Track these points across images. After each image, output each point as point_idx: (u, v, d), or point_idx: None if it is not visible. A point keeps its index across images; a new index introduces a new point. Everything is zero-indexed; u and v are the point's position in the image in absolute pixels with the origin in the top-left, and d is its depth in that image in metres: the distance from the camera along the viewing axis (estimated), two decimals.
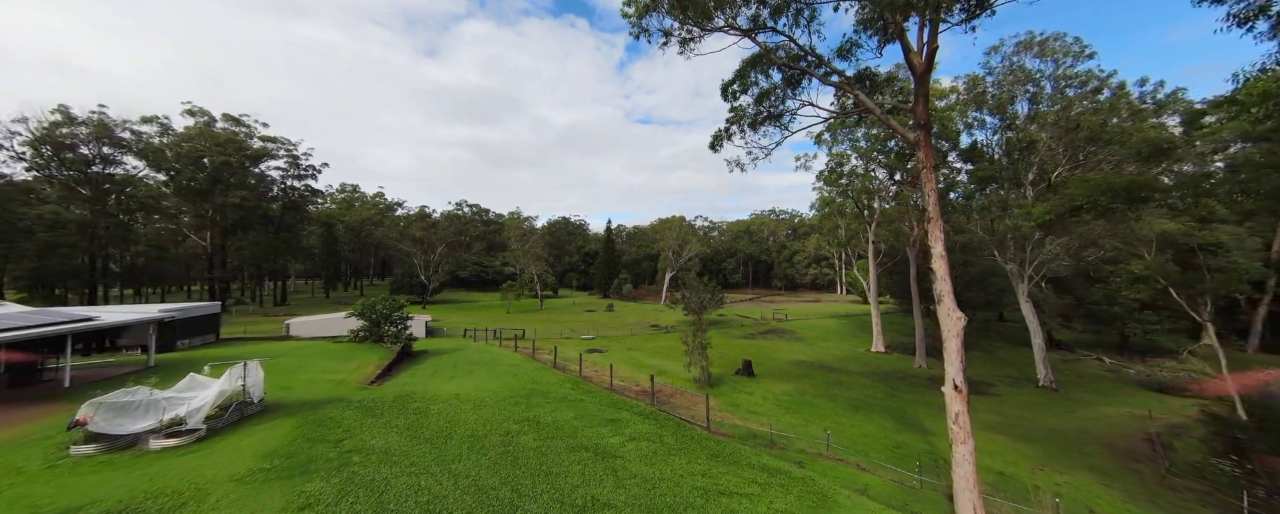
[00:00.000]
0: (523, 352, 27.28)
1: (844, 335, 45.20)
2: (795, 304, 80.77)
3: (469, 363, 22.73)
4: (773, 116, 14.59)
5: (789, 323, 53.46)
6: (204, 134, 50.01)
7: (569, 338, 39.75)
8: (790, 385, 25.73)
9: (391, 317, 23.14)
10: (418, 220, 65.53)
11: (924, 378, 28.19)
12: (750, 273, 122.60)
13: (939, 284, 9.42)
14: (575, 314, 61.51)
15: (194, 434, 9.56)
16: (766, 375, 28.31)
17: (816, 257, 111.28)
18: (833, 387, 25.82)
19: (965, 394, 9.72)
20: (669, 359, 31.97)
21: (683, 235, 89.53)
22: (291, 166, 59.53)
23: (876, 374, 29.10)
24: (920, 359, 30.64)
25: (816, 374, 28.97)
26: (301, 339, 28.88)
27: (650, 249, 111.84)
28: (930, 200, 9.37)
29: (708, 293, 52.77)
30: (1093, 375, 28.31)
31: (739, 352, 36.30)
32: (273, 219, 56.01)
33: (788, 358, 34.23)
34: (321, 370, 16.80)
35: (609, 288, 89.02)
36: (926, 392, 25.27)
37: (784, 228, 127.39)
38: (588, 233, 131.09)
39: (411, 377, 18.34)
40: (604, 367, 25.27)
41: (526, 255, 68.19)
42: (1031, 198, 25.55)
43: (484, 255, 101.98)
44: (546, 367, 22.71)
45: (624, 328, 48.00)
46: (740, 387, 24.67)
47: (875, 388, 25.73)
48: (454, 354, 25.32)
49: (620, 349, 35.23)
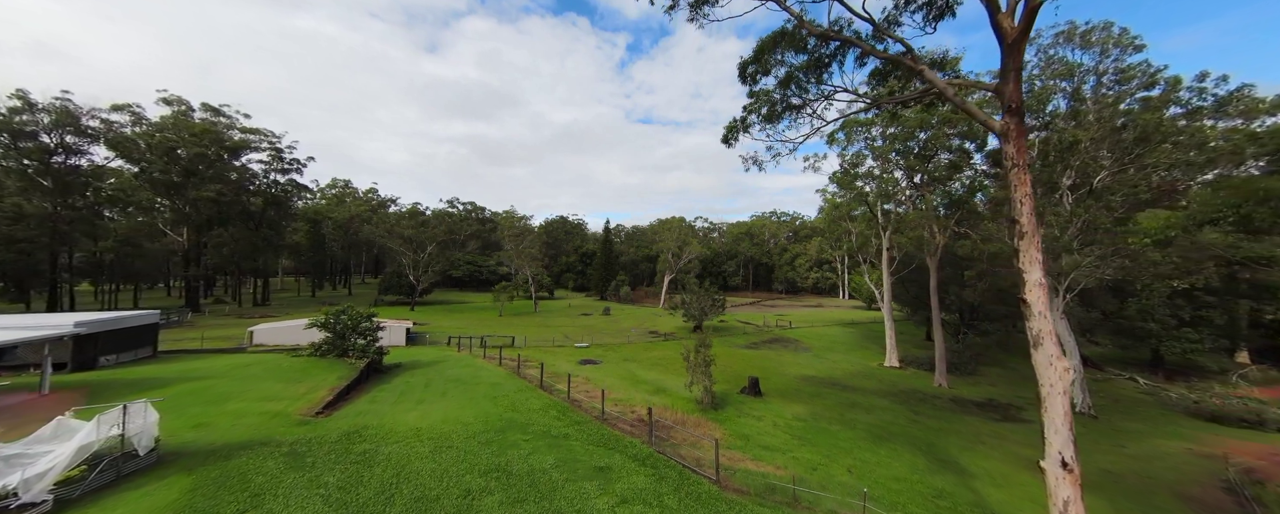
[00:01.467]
0: (508, 365, 24.82)
1: (853, 347, 42.84)
2: (798, 309, 78.41)
3: (444, 381, 20.26)
4: (793, 107, 12.23)
5: (793, 331, 51.09)
6: (179, 124, 47.37)
7: (561, 346, 37.31)
8: (802, 407, 23.32)
9: (359, 327, 20.64)
10: (406, 217, 62.83)
11: (946, 399, 25.82)
12: (750, 276, 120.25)
13: (1035, 322, 6.99)
14: (570, 318, 59.02)
15: (35, 510, 7.10)
16: (775, 394, 25.90)
17: (819, 260, 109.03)
18: (848, 409, 23.42)
19: (1078, 476, 7.21)
20: (668, 372, 29.55)
21: (683, 236, 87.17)
22: (275, 160, 56.88)
23: (893, 394, 26.72)
24: (940, 377, 28.27)
25: (829, 393, 26.57)
26: (264, 348, 26.37)
27: (649, 250, 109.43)
28: (1023, 209, 6.97)
29: (709, 300, 50.48)
30: (1130, 399, 25.99)
31: (743, 364, 33.90)
32: (253, 215, 53.35)
33: (795, 373, 31.84)
34: (260, 396, 14.32)
35: (606, 289, 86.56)
36: (952, 417, 22.89)
37: (785, 230, 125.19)
38: (586, 232, 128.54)
39: (371, 402, 15.86)
40: (597, 385, 22.83)
41: (521, 256, 65.65)
42: (1069, 204, 23.22)
43: (478, 255, 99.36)
44: (532, 386, 20.25)
45: (620, 335, 45.57)
46: (747, 409, 22.24)
47: (895, 411, 23.34)
48: (430, 369, 22.83)
49: (616, 360, 32.80)
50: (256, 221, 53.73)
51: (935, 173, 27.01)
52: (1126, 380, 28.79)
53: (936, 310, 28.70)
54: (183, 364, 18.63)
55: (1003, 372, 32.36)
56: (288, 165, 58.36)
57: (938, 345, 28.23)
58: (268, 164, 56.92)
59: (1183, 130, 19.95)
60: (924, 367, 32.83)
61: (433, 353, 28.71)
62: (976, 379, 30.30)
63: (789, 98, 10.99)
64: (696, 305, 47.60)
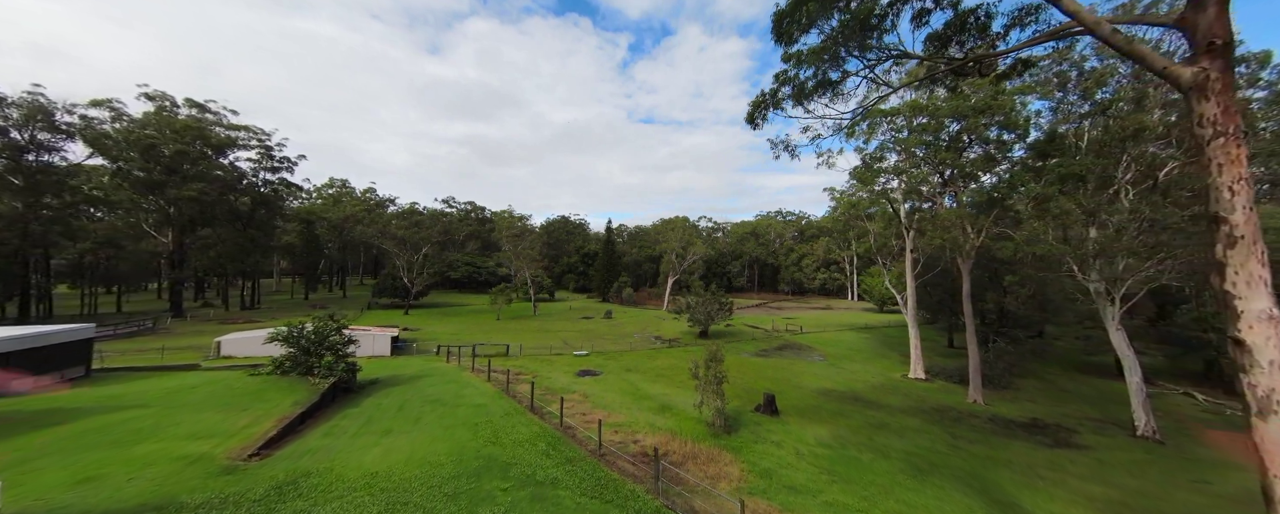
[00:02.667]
0: (497, 380, 22.40)
1: (870, 354, 40.19)
2: (806, 311, 75.74)
3: (422, 402, 17.86)
4: (829, 82, 9.73)
5: (805, 336, 48.47)
6: (162, 121, 45.31)
7: (559, 354, 34.91)
8: (824, 429, 20.78)
9: (326, 341, 18.27)
10: (399, 217, 60.56)
11: (984, 418, 23.19)
12: (756, 276, 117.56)
13: (1263, 378, 4.39)
14: (570, 321, 56.62)
15: None
16: (792, 412, 23.36)
17: (826, 261, 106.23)
18: (878, 432, 20.86)
19: None
20: (674, 385, 27.09)
21: (687, 237, 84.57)
22: (264, 158, 54.80)
23: (924, 412, 24.12)
24: (974, 392, 25.63)
25: (853, 411, 24.01)
26: (234, 361, 24.08)
27: (652, 250, 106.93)
28: (1236, 202, 4.42)
29: (715, 303, 47.90)
30: (1192, 418, 23.29)
31: (754, 374, 31.40)
32: (241, 215, 51.26)
33: (812, 385, 29.28)
34: (188, 432, 11.97)
35: (608, 291, 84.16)
36: (996, 441, 20.28)
37: (791, 230, 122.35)
38: (587, 232, 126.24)
39: (326, 435, 13.47)
40: (595, 404, 20.40)
41: (519, 257, 63.28)
42: (1129, 201, 20.56)
43: (477, 255, 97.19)
44: (521, 409, 17.81)
45: (623, 340, 43.13)
46: (764, 431, 19.72)
47: (931, 435, 20.76)
48: (409, 386, 20.45)
49: (617, 370, 30.36)
50: (245, 222, 51.67)
51: (968, 167, 24.39)
52: (1182, 395, 26.04)
53: (970, 318, 26.06)
54: (116, 387, 16.37)
55: (1040, 385, 29.66)
56: (278, 164, 56.28)
57: (971, 357, 25.60)
58: (257, 163, 54.87)
59: None
60: (952, 379, 30.21)
61: (417, 365, 26.34)
62: (1013, 394, 27.65)
63: (839, 53, 8.44)
64: (702, 310, 45.07)
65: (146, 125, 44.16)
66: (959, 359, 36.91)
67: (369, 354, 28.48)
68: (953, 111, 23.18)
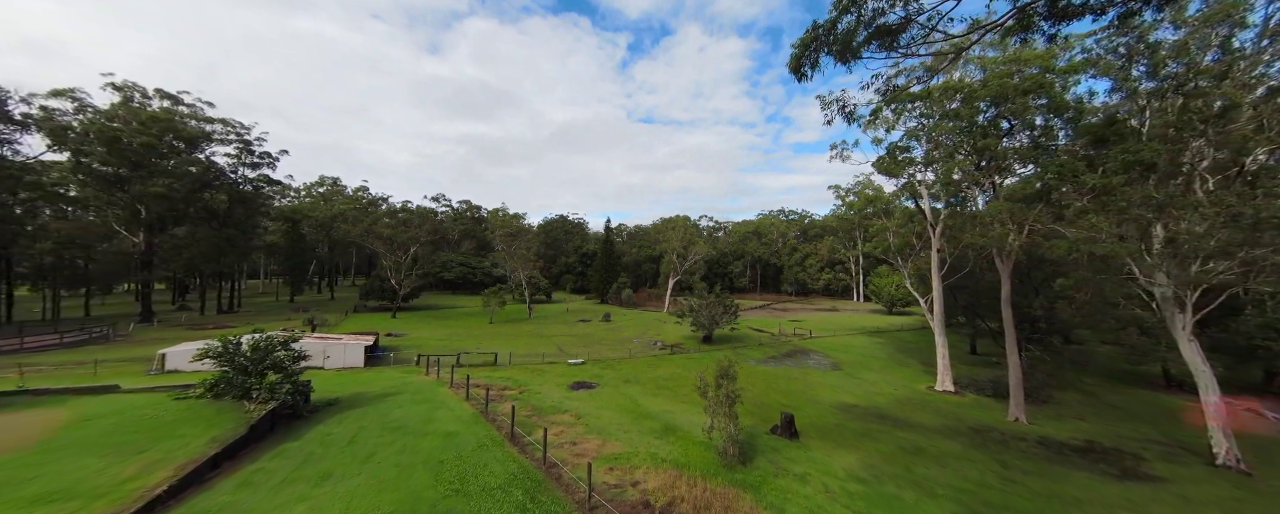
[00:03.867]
0: (478, 398, 19.58)
1: (888, 362, 37.41)
2: (811, 313, 73.03)
3: (381, 431, 15.04)
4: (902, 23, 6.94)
5: (814, 341, 45.69)
6: (130, 113, 42.44)
7: (553, 363, 32.12)
8: (852, 456, 17.99)
9: (269, 358, 15.43)
10: (385, 216, 57.67)
11: (1032, 441, 20.39)
12: (758, 277, 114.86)
13: None
14: (567, 325, 53.81)
15: None
16: (813, 433, 20.58)
17: (831, 261, 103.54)
18: (915, 459, 18.07)
19: None
20: (677, 400, 24.32)
21: (688, 236, 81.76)
22: (243, 153, 51.90)
23: (962, 433, 21.33)
24: (1016, 409, 22.83)
25: (880, 432, 21.22)
26: (181, 375, 21.23)
27: (652, 250, 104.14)
28: None
29: (720, 307, 45.06)
30: (1272, 440, 20.50)
31: (764, 386, 28.64)
32: (217, 213, 48.36)
33: (830, 399, 26.50)
34: (43, 489, 9.12)
35: (607, 292, 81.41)
36: (1054, 472, 17.48)
37: (794, 229, 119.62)
38: (586, 232, 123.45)
39: (241, 486, 10.64)
40: (588, 427, 17.58)
41: (513, 257, 60.41)
42: (1206, 193, 17.80)
43: (472, 255, 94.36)
44: (498, 438, 14.99)
45: (621, 346, 40.35)
46: (784, 459, 16.94)
47: (978, 463, 17.97)
48: (372, 409, 17.62)
49: (615, 381, 27.58)
50: (221, 221, 48.78)
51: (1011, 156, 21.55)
52: (1246, 412, 23.25)
53: (1010, 325, 23.25)
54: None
55: (1082, 399, 26.87)
56: (258, 159, 53.38)
57: (1012, 369, 22.80)
58: (236, 158, 51.97)
59: None
60: (985, 392, 27.42)
61: (390, 379, 23.51)
62: (1056, 410, 24.86)
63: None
64: (706, 313, 42.25)
65: (112, 118, 41.30)
66: (986, 368, 34.16)
67: (339, 366, 25.68)
68: (995, 91, 20.36)
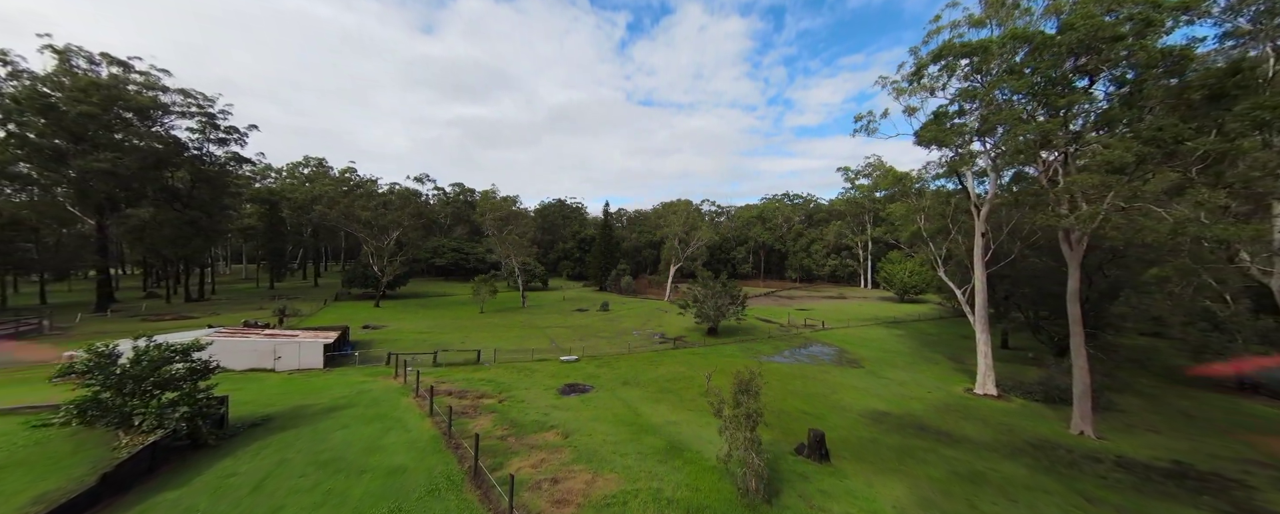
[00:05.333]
0: (442, 415, 16.16)
1: (913, 358, 34.11)
2: (819, 301, 69.70)
3: (306, 468, 11.64)
4: None
5: (828, 333, 42.42)
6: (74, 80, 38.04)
7: (544, 360, 28.81)
8: (901, 488, 14.69)
9: (158, 373, 11.87)
10: (362, 198, 53.62)
11: (1109, 462, 17.10)
12: (761, 263, 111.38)
13: None
14: (562, 315, 50.50)
15: None
16: (846, 453, 17.28)
17: (837, 246, 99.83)
18: (976, 490, 14.78)
19: None
20: (683, 407, 21.00)
21: (691, 221, 77.79)
22: (207, 128, 47.56)
23: (1023, 451, 18.03)
24: (1081, 422, 19.51)
25: (925, 450, 17.92)
26: None
27: (652, 236, 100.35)
28: None
29: (726, 296, 41.60)
30: None
31: (779, 388, 25.24)
32: (178, 193, 44.34)
33: (857, 405, 23.20)
34: None
35: (606, 279, 78.01)
36: (1151, 507, 14.18)
37: (799, 214, 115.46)
38: (585, 216, 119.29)
39: None
40: (575, 453, 14.19)
41: (505, 242, 56.62)
42: None
43: (464, 240, 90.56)
44: (458, 476, 11.59)
45: (620, 339, 37.05)
46: (817, 495, 13.65)
47: (1053, 494, 14.68)
48: (308, 430, 14.22)
49: (611, 383, 24.26)
50: (184, 202, 44.79)
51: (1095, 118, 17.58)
52: None
53: (1078, 323, 19.73)
54: None
55: (1146, 405, 23.55)
56: (224, 134, 49.07)
57: (1079, 375, 19.39)
58: (200, 133, 47.63)
59: None
60: (1033, 396, 24.10)
61: (347, 385, 20.08)
62: (1122, 419, 21.57)
63: None
64: (711, 303, 38.79)
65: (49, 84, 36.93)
66: (1021, 365, 30.75)
67: (292, 368, 22.27)
68: (1083, 35, 16.29)
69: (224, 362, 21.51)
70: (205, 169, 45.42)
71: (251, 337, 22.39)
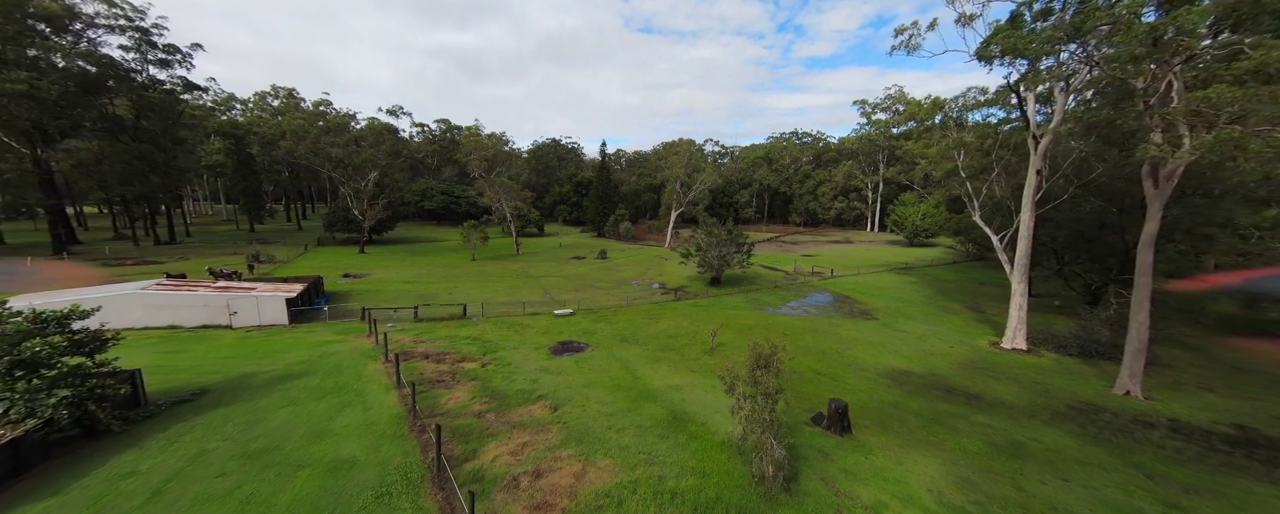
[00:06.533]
0: (416, 382, 13.98)
1: (929, 307, 32.14)
2: (824, 246, 67.20)
3: (228, 461, 9.49)
4: None
5: (837, 282, 40.29)
6: None
7: (536, 314, 26.70)
8: (933, 463, 12.93)
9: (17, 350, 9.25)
10: (329, 133, 48.42)
11: (1163, 426, 15.38)
12: (765, 206, 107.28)
13: None
14: (558, 263, 48.12)
15: None
16: (867, 420, 15.50)
17: (845, 188, 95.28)
18: (1021, 466, 13.04)
19: None
20: (685, 368, 19.07)
21: (693, 162, 72.74)
22: (142, 46, 41.35)
23: (1065, 416, 16.28)
24: (1129, 381, 17.64)
25: (955, 416, 16.14)
26: None
27: (652, 179, 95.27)
28: None
29: (732, 245, 38.75)
30: None
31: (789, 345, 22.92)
32: (121, 123, 39.40)
33: (873, 362, 21.35)
34: None
35: (604, 225, 74.74)
36: (1220, 479, 12.50)
37: (808, 153, 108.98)
38: (581, 158, 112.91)
39: None
40: (564, 432, 12.16)
41: (493, 186, 52.57)
42: None
43: (455, 183, 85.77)
44: (418, 472, 9.49)
45: (618, 289, 34.89)
46: (840, 476, 11.89)
47: (1109, 469, 12.97)
48: (242, 408, 12.05)
49: (609, 340, 22.26)
50: (132, 134, 40.04)
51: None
52: None
53: (1148, 271, 17.08)
54: None
55: (1193, 358, 21.72)
56: (165, 55, 42.89)
57: (1137, 332, 17.19)
58: (135, 52, 41.44)
59: None
60: (1067, 350, 22.19)
61: (309, 347, 17.86)
62: (1169, 374, 19.78)
63: None
64: (715, 252, 36.07)
65: None
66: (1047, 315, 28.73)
67: (252, 324, 19.97)
68: None
69: (172, 318, 19.21)
70: (149, 96, 39.96)
71: (200, 290, 19.83)
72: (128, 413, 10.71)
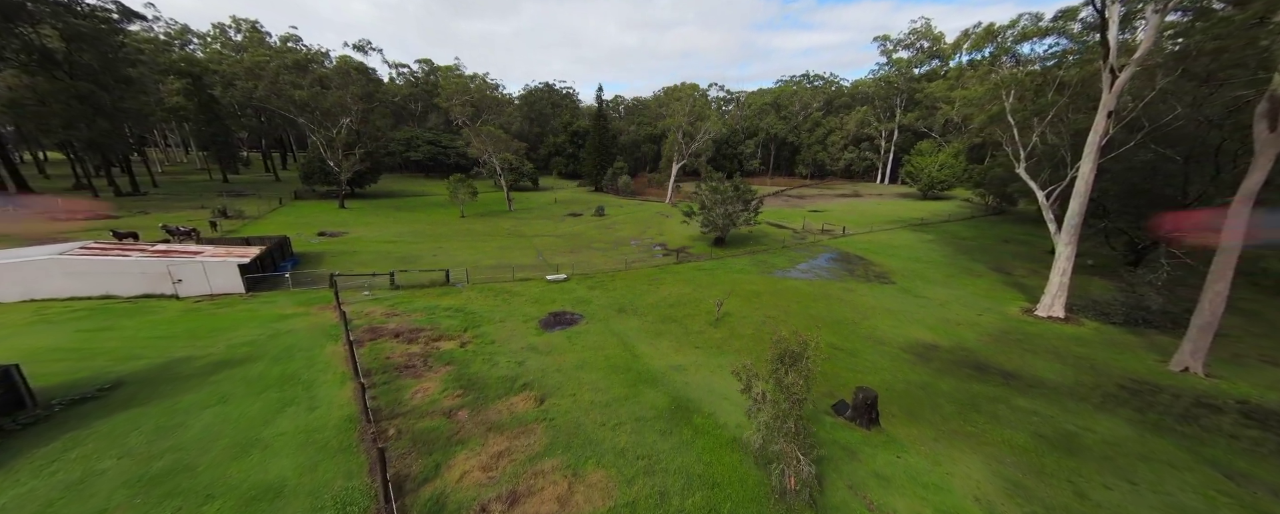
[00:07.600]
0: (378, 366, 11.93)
1: (950, 269, 29.94)
2: (833, 200, 63.92)
3: (118, 488, 7.52)
4: None
5: (848, 240, 37.79)
6: None
7: (527, 279, 24.49)
8: (976, 463, 11.26)
9: None
10: (288, 71, 43.16)
11: (1232, 410, 13.59)
12: (770, 157, 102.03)
13: None
14: (552, 221, 45.27)
15: None
16: (894, 407, 13.74)
17: (857, 137, 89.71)
18: (1076, 464, 11.37)
19: None
20: (687, 343, 17.11)
21: (697, 109, 67.29)
22: None
23: (1118, 399, 14.50)
24: (1190, 357, 15.83)
25: (993, 400, 14.36)
26: None
27: (653, 128, 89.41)
28: None
29: (738, 202, 35.66)
30: None
31: (801, 313, 21.19)
32: (51, 56, 34.61)
33: (896, 335, 19.41)
34: None
35: (601, 178, 70.76)
36: None
37: (819, 98, 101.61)
38: (577, 105, 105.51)
39: None
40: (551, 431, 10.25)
41: (481, 136, 48.27)
42: None
43: (442, 131, 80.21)
44: (358, 504, 7.54)
45: (616, 251, 32.47)
46: (872, 481, 10.20)
47: (1180, 468, 11.32)
48: (154, 409, 10.05)
49: (605, 310, 20.19)
50: (68, 70, 35.35)
51: None
52: None
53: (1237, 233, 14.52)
54: None
55: (1252, 325, 19.78)
56: None
57: (1212, 302, 15.00)
58: None
59: None
60: (1111, 319, 20.18)
61: (261, 321, 15.70)
62: (1229, 346, 17.83)
63: None
64: (721, 211, 33.18)
65: None
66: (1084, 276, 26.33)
67: (201, 293, 17.70)
68: None
69: (106, 286, 16.90)
70: (76, 23, 34.71)
71: (133, 255, 17.33)
72: (5, 420, 8.64)
